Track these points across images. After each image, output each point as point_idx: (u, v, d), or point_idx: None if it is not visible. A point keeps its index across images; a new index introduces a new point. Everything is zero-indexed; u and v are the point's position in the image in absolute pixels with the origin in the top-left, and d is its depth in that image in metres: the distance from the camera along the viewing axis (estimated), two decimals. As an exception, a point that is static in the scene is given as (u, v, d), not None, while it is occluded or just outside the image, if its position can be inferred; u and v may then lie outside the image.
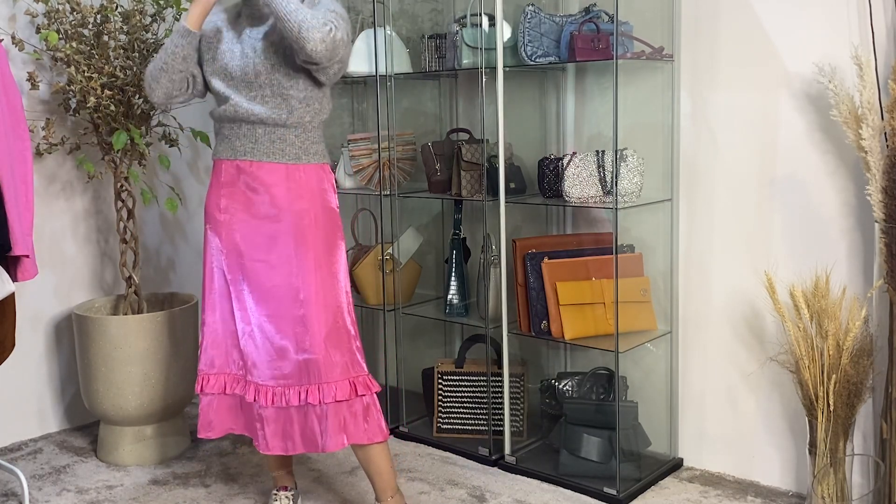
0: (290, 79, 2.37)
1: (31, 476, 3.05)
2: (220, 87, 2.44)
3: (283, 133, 2.41)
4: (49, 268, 3.37)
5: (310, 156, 2.45)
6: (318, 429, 2.44)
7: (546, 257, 2.88)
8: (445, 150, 3.14)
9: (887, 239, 2.38)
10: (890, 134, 2.36)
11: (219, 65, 2.43)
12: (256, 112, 2.39)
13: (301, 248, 2.41)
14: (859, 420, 2.56)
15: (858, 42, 2.48)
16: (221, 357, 2.55)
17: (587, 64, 2.88)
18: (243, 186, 2.44)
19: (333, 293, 2.46)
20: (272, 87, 2.37)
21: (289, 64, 2.36)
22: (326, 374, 2.41)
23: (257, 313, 2.45)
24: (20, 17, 3.20)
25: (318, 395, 2.41)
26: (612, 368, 2.80)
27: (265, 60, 2.36)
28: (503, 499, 2.79)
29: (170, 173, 3.71)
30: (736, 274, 2.81)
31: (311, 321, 2.40)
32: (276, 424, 2.47)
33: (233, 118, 2.43)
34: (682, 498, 2.78)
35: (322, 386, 2.41)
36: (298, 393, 2.43)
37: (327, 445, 2.43)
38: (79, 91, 3.02)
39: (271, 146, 2.41)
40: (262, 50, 2.37)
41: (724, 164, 2.80)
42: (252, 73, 2.38)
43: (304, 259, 2.41)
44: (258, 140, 2.41)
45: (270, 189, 2.41)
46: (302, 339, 2.40)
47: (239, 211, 2.45)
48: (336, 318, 2.45)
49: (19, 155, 2.53)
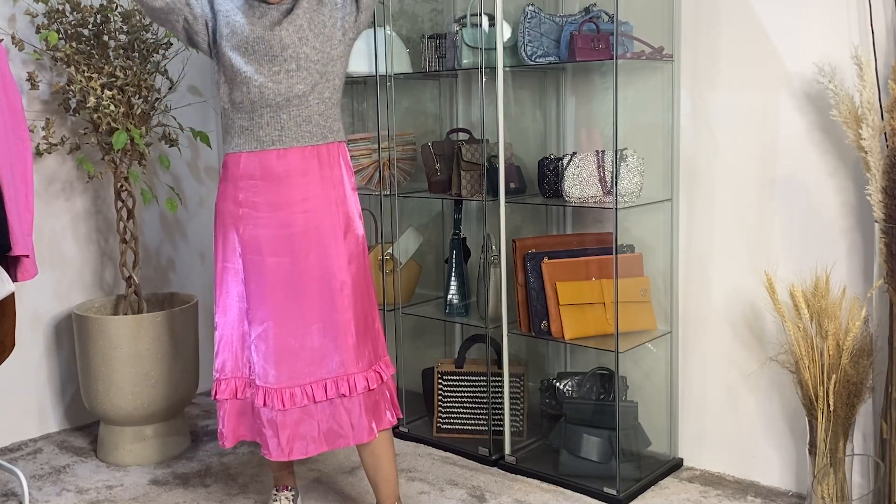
0: (317, 52, 2.33)
1: (31, 476, 3.05)
2: (240, 64, 2.34)
3: (307, 113, 2.35)
4: (49, 268, 3.37)
5: (334, 133, 2.40)
6: (349, 421, 2.39)
7: (546, 257, 2.88)
8: (445, 150, 3.14)
9: (887, 239, 2.38)
10: (890, 134, 2.36)
11: (239, 39, 2.34)
12: (282, 91, 2.32)
13: (330, 233, 2.36)
14: (859, 420, 2.56)
15: (858, 42, 2.48)
16: (231, 361, 2.47)
17: (587, 64, 2.88)
18: (268, 177, 2.36)
19: (365, 281, 2.43)
20: (297, 61, 2.32)
21: (317, 36, 2.32)
22: (357, 363, 2.37)
23: (281, 307, 2.36)
24: (20, 17, 3.20)
25: (347, 385, 2.36)
26: (612, 368, 2.80)
27: (293, 33, 2.31)
28: (503, 499, 2.79)
29: (170, 173, 3.71)
30: (736, 274, 2.81)
31: (344, 310, 2.35)
32: (291, 429, 2.38)
33: (254, 104, 2.34)
34: (682, 498, 2.78)
35: (353, 377, 2.36)
36: (325, 387, 2.36)
37: (362, 437, 2.39)
38: (79, 91, 3.02)
39: (298, 129, 2.35)
40: (290, 22, 2.31)
41: (724, 164, 2.80)
42: (278, 45, 2.31)
43: (336, 245, 2.36)
44: (284, 127, 2.34)
45: (294, 174, 2.35)
46: (332, 330, 2.35)
47: (262, 204, 2.36)
48: (366, 305, 2.42)
49: (19, 155, 2.53)
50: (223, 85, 2.40)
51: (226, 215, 2.43)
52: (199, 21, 2.38)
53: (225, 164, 2.44)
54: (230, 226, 2.42)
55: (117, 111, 3.03)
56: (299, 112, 2.35)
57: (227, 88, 2.40)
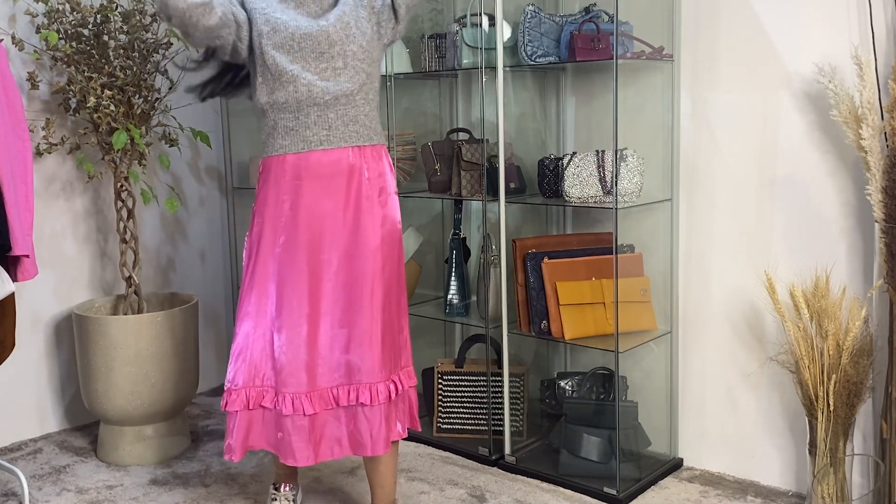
0: (363, 51, 2.30)
1: (31, 476, 3.05)
2: (285, 63, 2.27)
3: (354, 113, 2.31)
4: (49, 268, 3.37)
5: (378, 136, 2.38)
6: (369, 431, 2.35)
7: (546, 257, 2.88)
8: (445, 150, 3.14)
9: (887, 239, 2.38)
10: (890, 134, 2.36)
11: (282, 36, 2.27)
12: (330, 89, 2.27)
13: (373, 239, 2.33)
14: (859, 420, 2.56)
15: (858, 42, 2.48)
16: (246, 372, 2.39)
17: (587, 64, 2.88)
18: (313, 177, 2.31)
19: (398, 288, 2.41)
20: (344, 58, 2.28)
21: (363, 34, 2.30)
22: (380, 372, 2.34)
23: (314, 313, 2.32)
24: (20, 17, 3.20)
25: (368, 394, 2.33)
26: (612, 368, 2.80)
27: (340, 30, 2.27)
28: (503, 499, 2.79)
29: (170, 173, 3.71)
30: (736, 274, 2.81)
31: (377, 315, 2.33)
32: (320, 430, 2.35)
33: (301, 103, 2.28)
34: (682, 498, 2.78)
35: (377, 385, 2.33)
36: (347, 392, 2.34)
37: (378, 448, 2.35)
38: (79, 91, 3.02)
39: (345, 129, 2.30)
40: (338, 18, 2.27)
41: (724, 164, 2.80)
42: (325, 42, 2.26)
43: (375, 252, 2.34)
44: (332, 126, 2.30)
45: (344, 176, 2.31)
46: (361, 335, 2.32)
47: (304, 206, 2.31)
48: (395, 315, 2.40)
49: (19, 155, 2.53)
50: (262, 86, 2.32)
51: (266, 219, 2.36)
52: (243, 28, 2.31)
53: (266, 167, 2.37)
54: (269, 230, 2.36)
55: (117, 111, 3.03)
56: (346, 111, 2.30)
57: (267, 89, 2.32)
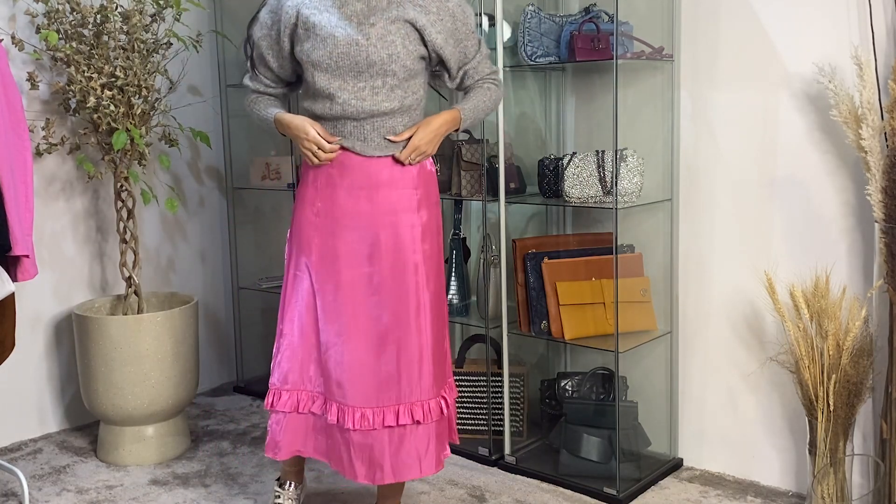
0: (405, 70, 2.23)
1: (31, 476, 3.05)
2: (322, 82, 2.24)
3: (391, 124, 2.25)
4: (49, 268, 3.37)
5: None
6: (417, 450, 2.29)
7: (546, 257, 2.88)
8: (445, 150, 3.14)
9: (887, 239, 2.38)
10: (890, 134, 2.36)
11: (320, 54, 2.23)
12: (366, 108, 2.22)
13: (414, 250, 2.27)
14: (859, 420, 2.56)
15: (858, 42, 2.48)
16: (296, 372, 2.35)
17: (587, 64, 2.88)
18: (349, 186, 2.27)
19: (441, 300, 2.35)
20: (384, 78, 2.21)
21: (406, 55, 2.22)
22: (431, 389, 2.28)
23: (355, 326, 2.28)
24: (20, 17, 3.20)
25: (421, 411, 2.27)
26: (612, 368, 2.80)
27: (381, 50, 2.19)
28: (503, 499, 2.79)
29: (170, 173, 3.71)
30: (736, 274, 2.81)
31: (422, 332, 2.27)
32: (362, 450, 2.28)
33: (336, 117, 2.26)
34: (682, 498, 2.78)
35: (429, 402, 2.28)
36: (397, 412, 2.27)
37: (430, 468, 2.30)
38: (79, 91, 3.02)
39: (381, 140, 2.25)
40: (378, 39, 2.20)
41: (724, 164, 2.80)
42: (364, 63, 2.20)
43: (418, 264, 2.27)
44: (367, 138, 2.25)
45: (382, 186, 2.26)
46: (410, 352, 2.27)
47: (341, 213, 2.28)
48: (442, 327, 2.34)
49: (19, 155, 2.54)
50: (304, 93, 2.33)
51: (303, 222, 2.34)
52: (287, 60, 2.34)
53: (305, 168, 2.37)
54: (306, 233, 2.33)
55: (117, 111, 3.03)
56: (383, 123, 2.25)
57: (308, 98, 2.32)
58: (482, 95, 2.38)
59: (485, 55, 2.39)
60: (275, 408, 2.38)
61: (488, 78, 2.40)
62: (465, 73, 2.37)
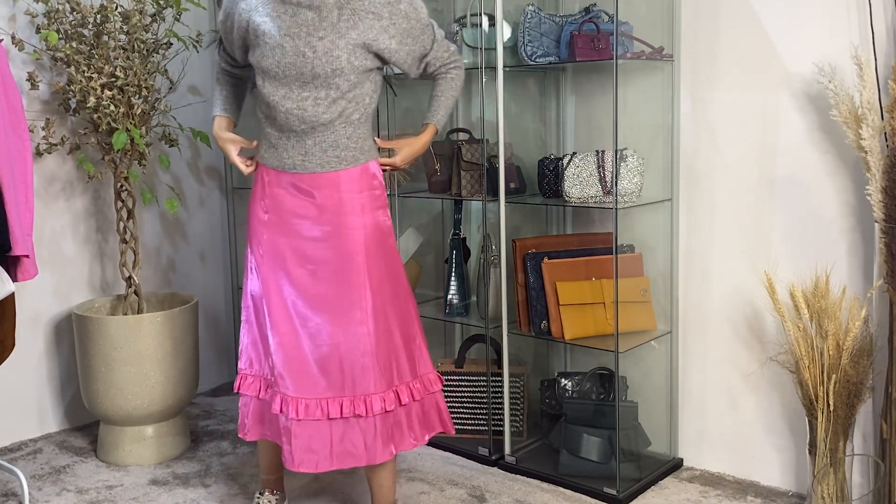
0: (349, 83, 2.26)
1: (31, 476, 3.05)
2: (268, 89, 2.29)
3: (333, 139, 2.29)
4: (49, 268, 3.37)
5: (366, 154, 2.34)
6: (364, 441, 2.33)
7: (546, 257, 2.88)
8: (445, 150, 3.14)
9: (887, 239, 2.38)
10: (890, 134, 2.36)
11: (267, 63, 2.27)
12: (307, 118, 2.26)
13: (356, 253, 2.32)
14: (859, 420, 2.56)
15: (858, 42, 2.48)
16: (259, 360, 2.45)
17: (587, 64, 2.88)
18: (293, 190, 2.33)
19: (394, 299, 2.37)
20: (327, 90, 2.25)
21: (351, 70, 2.25)
22: (375, 384, 2.32)
23: (299, 319, 2.34)
24: (20, 17, 3.20)
25: (364, 406, 2.31)
26: (612, 368, 2.80)
27: (325, 65, 2.22)
28: (503, 499, 2.79)
29: (170, 173, 3.71)
30: (736, 274, 2.81)
31: (366, 331, 2.31)
32: (303, 440, 2.33)
33: (281, 126, 2.31)
34: (682, 498, 2.78)
35: (371, 397, 2.32)
36: (341, 404, 2.32)
37: (375, 457, 2.33)
38: (79, 91, 3.02)
39: (323, 155, 2.29)
40: (324, 53, 2.22)
41: (724, 164, 2.80)
42: (309, 74, 2.24)
43: (359, 264, 2.32)
44: (308, 152, 2.29)
45: (323, 195, 2.31)
46: (351, 347, 2.31)
47: (287, 214, 2.34)
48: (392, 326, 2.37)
49: (19, 155, 2.54)
50: (257, 95, 2.36)
51: (253, 219, 2.42)
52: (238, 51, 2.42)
53: (257, 167, 2.42)
54: (257, 230, 2.40)
55: (117, 111, 3.03)
56: (325, 137, 2.29)
57: (260, 99, 2.35)
58: (448, 92, 2.49)
59: (440, 40, 2.45)
60: (241, 391, 2.49)
61: (449, 63, 2.48)
62: (426, 63, 2.45)
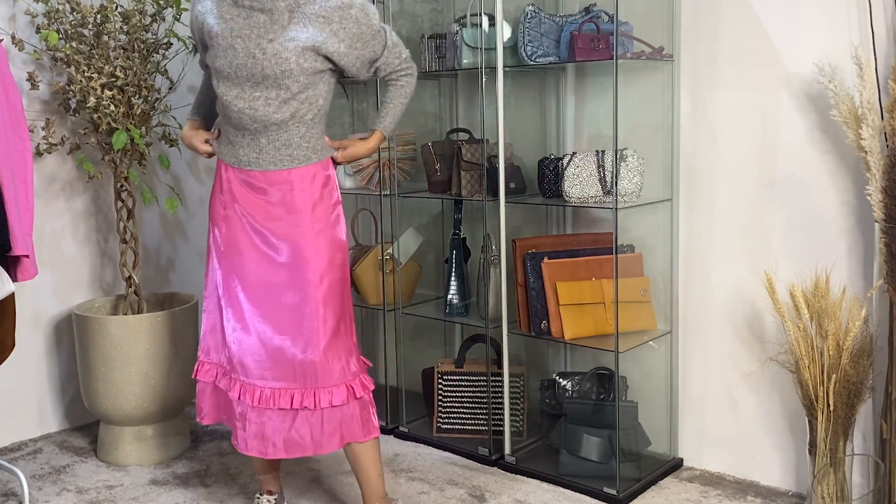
0: (299, 85, 2.31)
1: (31, 476, 3.05)
2: (222, 89, 2.34)
3: (286, 138, 2.34)
4: (49, 268, 3.37)
5: (318, 153, 2.39)
6: (311, 433, 2.41)
7: (546, 257, 2.88)
8: (445, 150, 3.14)
9: (887, 239, 2.38)
10: (890, 134, 2.36)
11: (220, 63, 2.33)
12: (259, 117, 2.31)
13: (308, 247, 2.37)
14: (859, 420, 2.56)
15: (858, 42, 2.48)
16: (215, 349, 2.54)
17: (587, 64, 2.88)
18: (247, 187, 2.39)
19: (337, 294, 2.42)
20: (277, 91, 2.30)
21: (301, 72, 2.29)
22: (325, 377, 2.38)
23: (252, 312, 2.41)
24: (20, 17, 3.20)
25: (313, 399, 2.38)
26: (612, 368, 2.80)
27: (274, 66, 2.27)
28: (503, 499, 2.79)
29: (170, 173, 3.71)
30: (736, 274, 2.81)
31: (313, 323, 2.36)
32: (257, 426, 2.42)
33: (236, 125, 2.36)
34: (682, 498, 2.78)
35: (318, 391, 2.38)
36: (292, 396, 2.39)
37: (322, 447, 2.40)
38: (79, 91, 3.02)
39: (276, 154, 2.35)
40: (273, 55, 2.27)
41: (724, 164, 2.80)
42: (259, 75, 2.29)
43: (308, 259, 2.37)
44: (262, 150, 2.35)
45: (274, 191, 2.37)
46: (300, 341, 2.37)
47: (241, 208, 2.40)
48: (338, 320, 2.42)
49: (19, 155, 2.54)
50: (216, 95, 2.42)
51: (213, 211, 2.49)
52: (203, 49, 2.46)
53: (217, 161, 2.48)
54: (215, 222, 2.48)
55: (117, 111, 3.03)
56: (278, 136, 2.35)
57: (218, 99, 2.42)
58: (397, 99, 2.50)
59: (393, 47, 2.44)
60: (198, 378, 2.58)
61: (400, 70, 2.48)
62: (377, 68, 2.46)
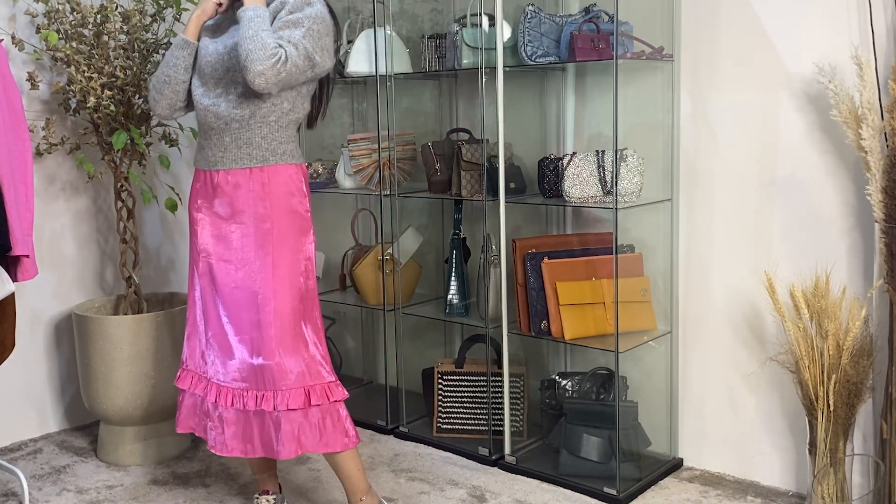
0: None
1: (31, 476, 3.05)
2: (193, 87, 2.47)
3: (248, 136, 2.39)
4: (49, 268, 3.37)
5: (277, 156, 2.42)
6: (273, 435, 2.42)
7: (546, 257, 2.88)
8: (445, 150, 3.14)
9: (887, 239, 2.38)
10: (890, 134, 2.36)
11: (197, 63, 2.47)
12: (222, 114, 2.38)
13: (260, 251, 2.40)
14: (859, 420, 2.56)
15: (858, 42, 2.48)
16: (193, 355, 2.57)
17: (587, 64, 2.88)
18: (212, 189, 2.45)
19: (292, 299, 2.42)
20: (236, 85, 2.37)
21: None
22: (280, 381, 2.39)
23: (219, 314, 2.46)
24: (20, 17, 3.20)
25: (271, 401, 2.39)
26: (612, 368, 2.80)
27: (233, 57, 2.36)
28: (503, 499, 2.79)
29: (170, 173, 3.71)
30: (736, 274, 2.81)
31: (266, 327, 2.38)
32: (236, 426, 2.46)
33: (203, 125, 2.45)
34: (682, 498, 2.78)
35: (276, 393, 2.39)
36: (255, 397, 2.42)
37: (280, 453, 2.40)
38: (79, 91, 3.02)
39: (238, 152, 2.40)
40: (233, 47, 2.37)
41: (724, 164, 2.80)
42: (221, 69, 2.39)
43: (263, 263, 2.39)
44: (226, 148, 2.41)
45: (233, 191, 2.41)
46: (256, 344, 2.40)
47: (209, 212, 2.47)
48: (294, 325, 2.41)
49: (19, 155, 2.53)
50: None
51: (190, 217, 2.55)
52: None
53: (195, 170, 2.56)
54: (191, 227, 2.54)
55: (117, 111, 3.03)
56: (240, 135, 2.40)
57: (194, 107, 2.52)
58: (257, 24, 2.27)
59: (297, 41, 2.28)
60: (178, 385, 2.61)
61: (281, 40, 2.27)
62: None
